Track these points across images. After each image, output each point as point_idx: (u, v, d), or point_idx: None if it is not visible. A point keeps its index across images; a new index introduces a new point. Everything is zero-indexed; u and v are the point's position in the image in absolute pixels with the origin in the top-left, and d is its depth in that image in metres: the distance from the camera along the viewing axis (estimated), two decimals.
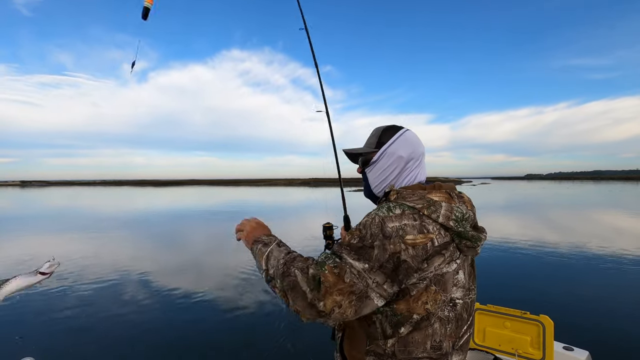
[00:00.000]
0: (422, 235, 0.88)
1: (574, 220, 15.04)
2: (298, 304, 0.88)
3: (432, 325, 0.93)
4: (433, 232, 0.89)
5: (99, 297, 5.34)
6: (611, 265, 6.91)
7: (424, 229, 0.89)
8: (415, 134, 1.11)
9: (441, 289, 0.92)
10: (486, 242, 1.00)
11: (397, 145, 1.07)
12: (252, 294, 5.42)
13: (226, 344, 3.81)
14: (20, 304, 5.04)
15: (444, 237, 0.91)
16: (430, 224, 0.90)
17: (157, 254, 8.65)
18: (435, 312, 0.92)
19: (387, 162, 1.07)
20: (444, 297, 0.93)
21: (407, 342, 0.93)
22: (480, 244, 0.97)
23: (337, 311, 0.85)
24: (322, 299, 0.85)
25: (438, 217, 0.91)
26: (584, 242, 9.15)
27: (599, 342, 3.64)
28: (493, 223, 13.32)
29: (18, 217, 18.28)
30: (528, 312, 2.05)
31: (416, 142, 1.08)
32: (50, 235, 11.74)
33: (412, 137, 1.09)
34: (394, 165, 1.06)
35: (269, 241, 1.04)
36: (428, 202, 0.93)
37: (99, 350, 3.69)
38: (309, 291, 0.86)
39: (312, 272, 0.88)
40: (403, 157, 1.05)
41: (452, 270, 0.93)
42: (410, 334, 0.93)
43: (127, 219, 16.83)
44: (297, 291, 0.88)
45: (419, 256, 0.87)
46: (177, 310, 4.82)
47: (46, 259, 1.30)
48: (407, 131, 1.10)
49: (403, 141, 1.07)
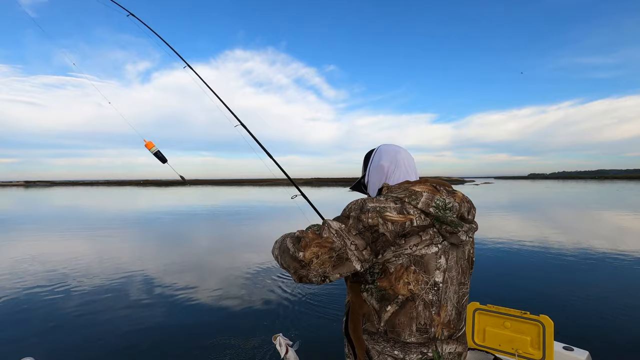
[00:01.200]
0: (402, 216, 1.00)
1: (575, 219, 14.98)
2: (285, 259, 1.05)
3: (417, 307, 1.02)
4: (413, 214, 1.01)
5: (102, 297, 5.37)
6: (612, 265, 6.89)
7: (404, 211, 1.00)
8: (391, 145, 1.29)
9: (422, 270, 1.01)
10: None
11: (377, 159, 1.25)
12: (257, 293, 5.44)
13: (232, 341, 3.83)
14: (21, 303, 5.10)
15: (424, 220, 1.01)
16: (411, 208, 1.01)
17: (160, 254, 8.68)
18: (420, 293, 1.01)
19: (374, 174, 1.24)
20: (426, 279, 1.02)
21: (394, 323, 1.03)
22: (461, 230, 1.06)
23: (315, 261, 0.98)
24: (302, 250, 0.99)
25: (417, 204, 1.02)
26: (585, 242, 9.12)
27: (599, 342, 3.64)
28: (493, 223, 13.30)
29: (22, 217, 18.39)
30: (528, 312, 2.06)
31: (392, 151, 1.25)
32: (51, 235, 11.81)
33: (386, 147, 1.27)
34: (379, 174, 1.22)
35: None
36: (410, 192, 1.05)
37: (99, 350, 3.70)
38: (292, 246, 1.02)
39: (297, 234, 1.05)
40: (383, 165, 1.22)
41: (433, 253, 1.02)
42: (397, 315, 1.02)
43: (127, 220, 16.90)
44: (285, 251, 1.05)
45: (396, 231, 0.98)
46: (180, 310, 4.85)
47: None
48: (382, 145, 1.29)
49: (379, 154, 1.25)
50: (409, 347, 1.02)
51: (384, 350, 1.03)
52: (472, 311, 2.21)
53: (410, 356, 1.01)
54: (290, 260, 1.02)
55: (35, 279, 6.30)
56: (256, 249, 8.87)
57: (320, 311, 4.62)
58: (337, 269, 0.99)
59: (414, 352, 1.02)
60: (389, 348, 1.03)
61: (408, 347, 1.02)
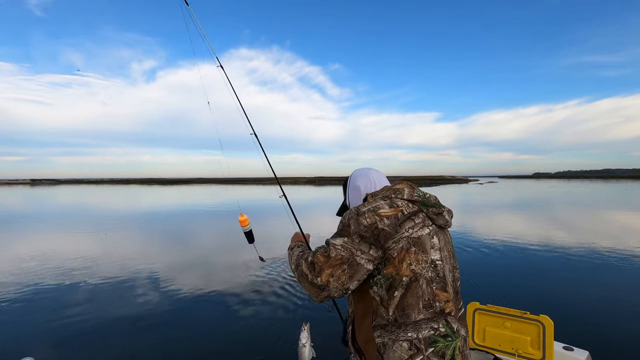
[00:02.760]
0: (393, 209, 1.14)
1: (577, 219, 14.87)
2: (305, 285, 1.16)
3: (421, 286, 1.08)
4: (402, 205, 1.16)
5: (104, 296, 5.42)
6: (612, 265, 6.87)
7: (394, 204, 1.15)
8: (362, 168, 1.46)
9: (420, 250, 1.10)
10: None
11: (352, 183, 1.42)
12: (260, 293, 5.48)
13: (236, 343, 3.87)
14: (23, 303, 5.14)
15: (412, 208, 1.17)
16: (399, 201, 1.17)
17: (163, 252, 8.74)
18: (421, 272, 1.09)
19: (353, 195, 1.40)
20: (425, 258, 1.10)
21: (403, 306, 1.08)
22: (444, 209, 1.21)
23: (332, 281, 1.10)
24: (318, 275, 1.11)
25: (403, 196, 1.19)
26: (586, 242, 9.07)
27: (599, 342, 3.64)
28: (494, 222, 13.25)
29: (27, 215, 18.55)
30: (528, 312, 2.07)
31: (363, 172, 1.41)
32: (54, 233, 11.91)
33: (358, 171, 1.43)
34: (358, 194, 1.37)
35: (294, 246, 1.40)
36: (394, 190, 1.22)
37: (99, 350, 3.72)
38: (309, 273, 1.14)
39: (310, 259, 1.16)
40: (359, 185, 1.37)
41: (426, 234, 1.14)
42: (404, 298, 1.08)
43: (131, 217, 17.00)
44: (304, 276, 1.16)
45: (392, 224, 1.10)
46: (182, 310, 4.89)
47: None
48: (354, 171, 1.46)
49: (353, 178, 1.42)
50: (419, 325, 1.07)
51: (398, 337, 1.08)
52: (472, 311, 2.22)
53: (422, 333, 1.06)
54: (309, 286, 1.14)
55: (37, 277, 6.36)
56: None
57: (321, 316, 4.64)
58: (353, 278, 1.10)
59: (425, 329, 1.06)
60: (402, 333, 1.07)
61: (419, 325, 1.07)
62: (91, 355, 3.64)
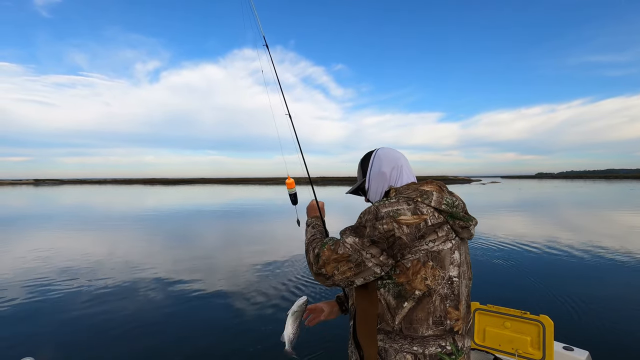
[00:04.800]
0: (416, 217, 1.03)
1: (577, 219, 14.81)
2: (312, 272, 1.15)
3: (434, 302, 1.04)
4: (427, 214, 1.04)
5: (105, 296, 5.42)
6: (612, 265, 6.84)
7: (417, 211, 1.04)
8: (388, 148, 1.30)
9: (439, 265, 1.04)
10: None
11: (376, 165, 1.26)
12: (262, 291, 5.48)
13: (238, 339, 3.87)
14: (23, 303, 5.14)
15: (438, 218, 1.05)
16: (424, 207, 1.05)
17: (169, 253, 8.75)
18: (436, 288, 1.03)
19: (376, 181, 1.25)
20: (443, 274, 1.04)
21: (411, 319, 1.04)
22: (472, 224, 1.12)
23: (337, 273, 1.08)
24: (323, 266, 1.10)
25: (431, 202, 1.06)
26: (586, 242, 9.04)
27: (599, 342, 3.64)
28: (494, 222, 13.20)
29: (30, 215, 18.63)
30: (528, 312, 2.07)
31: (391, 155, 1.26)
32: (57, 233, 11.96)
33: (385, 152, 1.28)
34: (382, 181, 1.24)
35: (310, 223, 1.38)
36: (421, 192, 1.09)
37: (100, 350, 3.71)
38: (314, 264, 1.13)
39: (316, 251, 1.15)
40: (385, 172, 1.23)
41: (448, 249, 1.05)
42: (414, 311, 1.04)
43: (130, 217, 17.05)
44: (310, 264, 1.17)
45: (412, 234, 1.02)
46: (185, 309, 4.90)
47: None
48: (379, 149, 1.30)
49: (379, 160, 1.26)
50: (427, 341, 1.03)
51: (402, 348, 1.05)
52: (472, 311, 2.23)
53: (429, 349, 1.03)
54: (315, 275, 1.14)
55: (37, 278, 6.37)
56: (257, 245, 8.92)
57: None
58: (359, 276, 1.07)
59: (432, 345, 1.03)
60: (407, 345, 1.04)
61: (426, 341, 1.03)
62: (91, 355, 3.64)
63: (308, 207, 1.50)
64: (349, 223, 1.18)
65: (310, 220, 1.41)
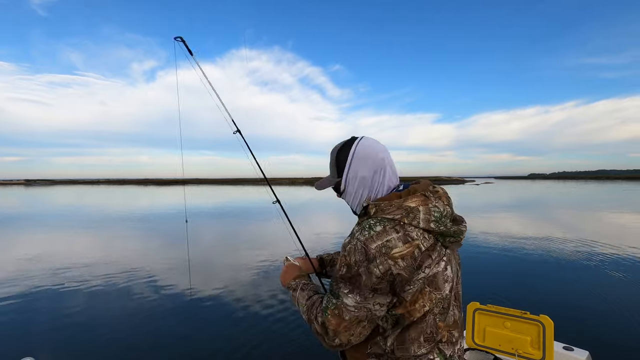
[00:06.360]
0: (408, 245, 0.93)
1: (575, 220, 14.96)
2: (325, 344, 1.04)
3: (427, 321, 1.00)
4: (417, 237, 0.95)
5: (103, 296, 5.38)
6: (612, 265, 6.88)
7: (408, 238, 0.94)
8: (370, 141, 1.10)
9: (434, 288, 0.99)
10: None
11: (355, 168, 1.08)
12: (261, 291, 5.45)
13: (233, 344, 3.84)
14: (23, 303, 5.09)
15: (429, 240, 0.97)
16: (413, 231, 0.95)
17: (165, 253, 8.69)
18: (431, 308, 0.99)
19: (354, 186, 1.10)
20: (439, 295, 1.00)
21: (403, 339, 1.00)
22: (462, 237, 1.04)
23: (353, 339, 1.00)
24: (335, 337, 1.00)
25: (419, 223, 0.95)
26: (585, 242, 9.12)
27: (599, 342, 3.65)
28: (494, 222, 13.29)
29: (18, 217, 18.41)
30: (528, 312, 2.06)
31: (372, 154, 1.08)
32: (51, 234, 11.83)
33: (366, 151, 1.08)
34: (361, 187, 1.09)
35: (295, 286, 1.20)
36: (406, 210, 0.96)
37: (100, 350, 3.69)
38: (324, 336, 1.02)
39: (320, 320, 1.02)
40: (366, 176, 1.07)
41: (442, 270, 1.00)
42: (407, 331, 1.00)
43: (122, 218, 16.90)
44: (319, 337, 1.04)
45: (410, 266, 0.93)
46: (185, 309, 4.86)
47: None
48: (359, 144, 1.09)
49: (357, 161, 1.08)
50: (419, 359, 1.00)
51: None
52: (472, 311, 2.21)
53: None
54: (330, 347, 1.04)
55: (36, 278, 6.30)
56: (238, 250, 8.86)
57: None
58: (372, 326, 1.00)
59: None
60: None
61: (419, 359, 1.00)
62: (91, 354, 3.61)
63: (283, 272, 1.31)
64: (345, 224, 1.09)
65: (293, 283, 1.22)
